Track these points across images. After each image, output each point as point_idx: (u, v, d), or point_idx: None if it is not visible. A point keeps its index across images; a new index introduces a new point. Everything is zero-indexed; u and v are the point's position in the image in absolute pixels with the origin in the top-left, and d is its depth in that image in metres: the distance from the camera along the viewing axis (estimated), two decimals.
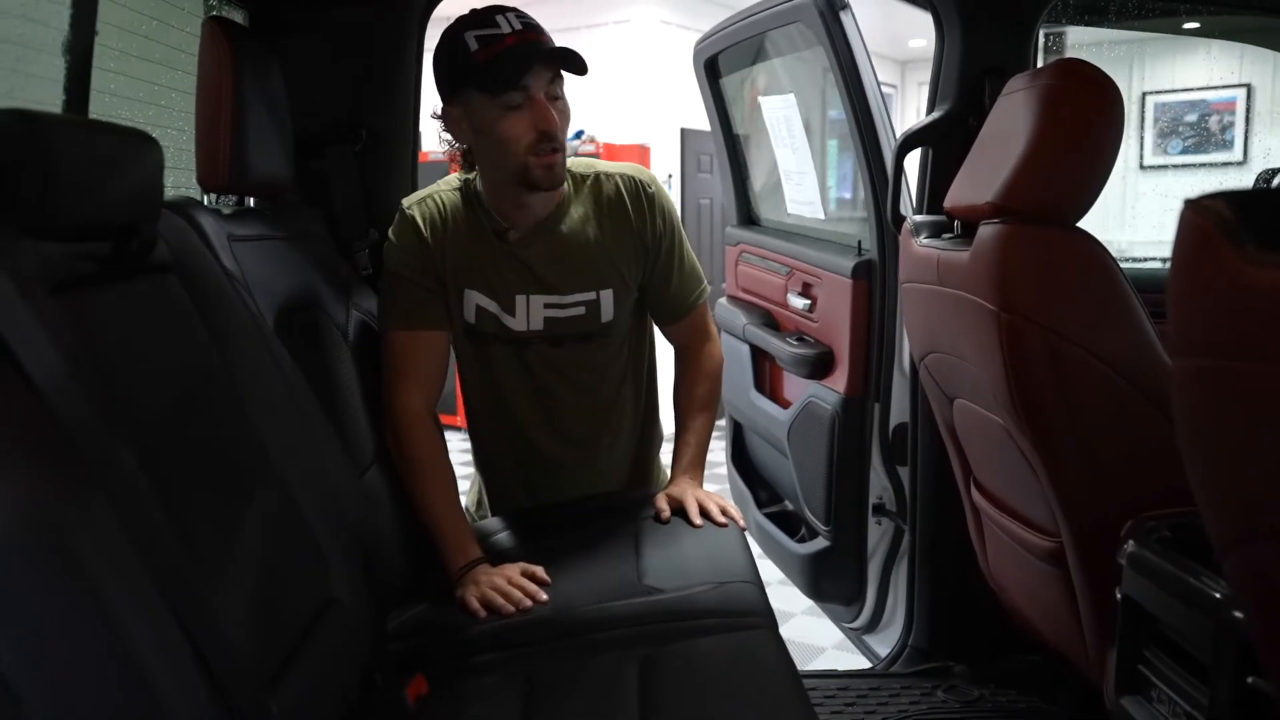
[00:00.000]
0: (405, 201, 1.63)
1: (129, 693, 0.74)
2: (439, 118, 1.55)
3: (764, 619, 1.35)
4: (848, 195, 2.95)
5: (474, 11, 1.48)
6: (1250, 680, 1.01)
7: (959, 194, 1.59)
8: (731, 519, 1.62)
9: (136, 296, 1.02)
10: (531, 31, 1.47)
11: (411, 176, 1.88)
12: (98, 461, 0.80)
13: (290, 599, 1.08)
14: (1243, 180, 6.59)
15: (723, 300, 3.06)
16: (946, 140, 1.88)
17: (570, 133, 1.62)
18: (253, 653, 0.93)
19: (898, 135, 1.99)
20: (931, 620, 2.09)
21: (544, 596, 1.41)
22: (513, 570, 1.45)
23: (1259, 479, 0.70)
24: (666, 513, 1.62)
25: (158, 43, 2.01)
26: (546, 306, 1.62)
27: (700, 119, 3.02)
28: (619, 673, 1.21)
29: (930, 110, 1.93)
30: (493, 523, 1.73)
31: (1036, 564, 1.56)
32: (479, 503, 1.85)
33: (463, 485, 1.65)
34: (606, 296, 1.63)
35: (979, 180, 1.50)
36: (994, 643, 2.01)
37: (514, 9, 1.49)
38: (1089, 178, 1.39)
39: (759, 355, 2.72)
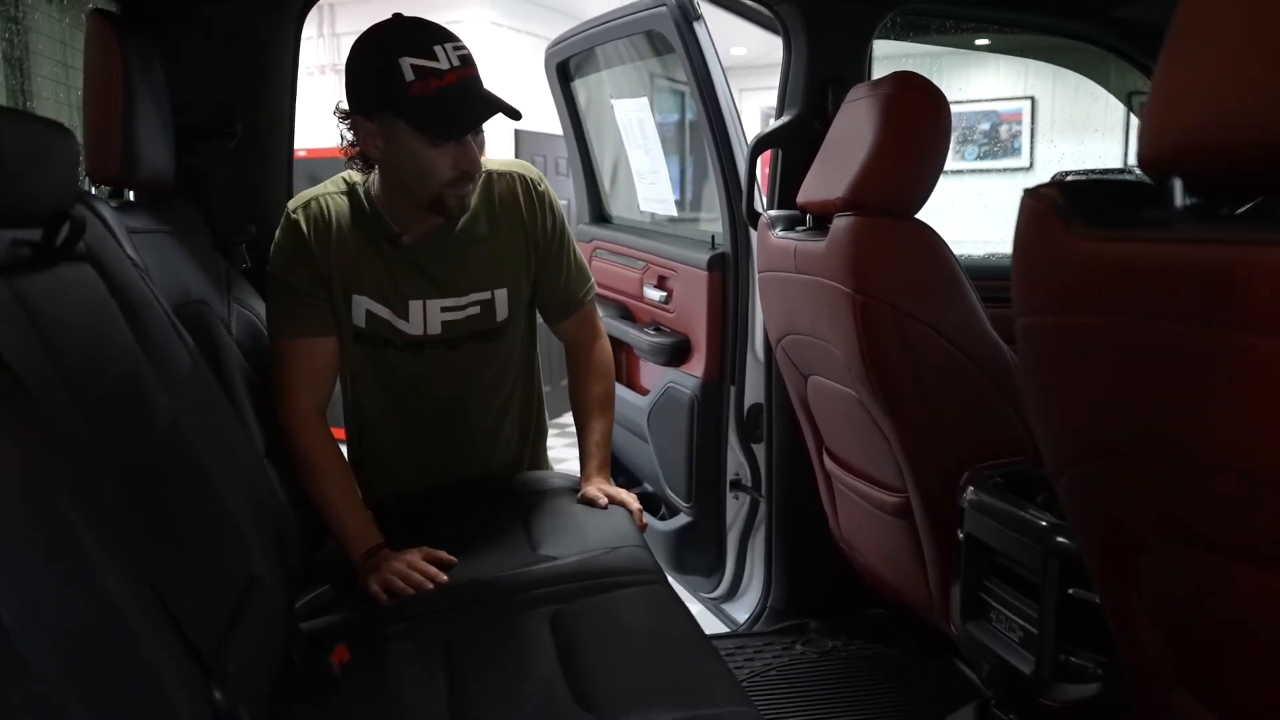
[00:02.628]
0: (291, 204, 1.61)
1: (115, 642, 0.79)
2: (345, 119, 1.50)
3: (657, 575, 1.48)
4: (676, 196, 3.13)
5: (407, 28, 1.44)
6: (1071, 591, 1.22)
7: (811, 190, 1.76)
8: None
9: (65, 283, 1.04)
10: (468, 68, 1.43)
11: (288, 171, 1.91)
12: (64, 434, 0.84)
13: (223, 575, 1.12)
14: (1030, 184, 7.23)
15: None
16: (795, 142, 2.06)
17: None
18: (206, 617, 0.98)
19: (748, 138, 2.17)
20: (788, 583, 2.27)
21: (444, 578, 1.46)
22: (415, 555, 1.50)
23: (1084, 410, 0.88)
24: (604, 500, 1.68)
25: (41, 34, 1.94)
26: (444, 310, 1.62)
27: (533, 121, 3.12)
28: (532, 629, 1.30)
29: (779, 115, 2.12)
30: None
31: (885, 519, 1.75)
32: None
33: None
34: (501, 295, 1.66)
35: (829, 178, 1.68)
36: (844, 599, 2.21)
37: (452, 38, 1.44)
38: (924, 175, 1.59)
39: (615, 346, 2.85)
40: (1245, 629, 0.81)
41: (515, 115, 1.46)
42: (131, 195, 1.62)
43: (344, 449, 1.71)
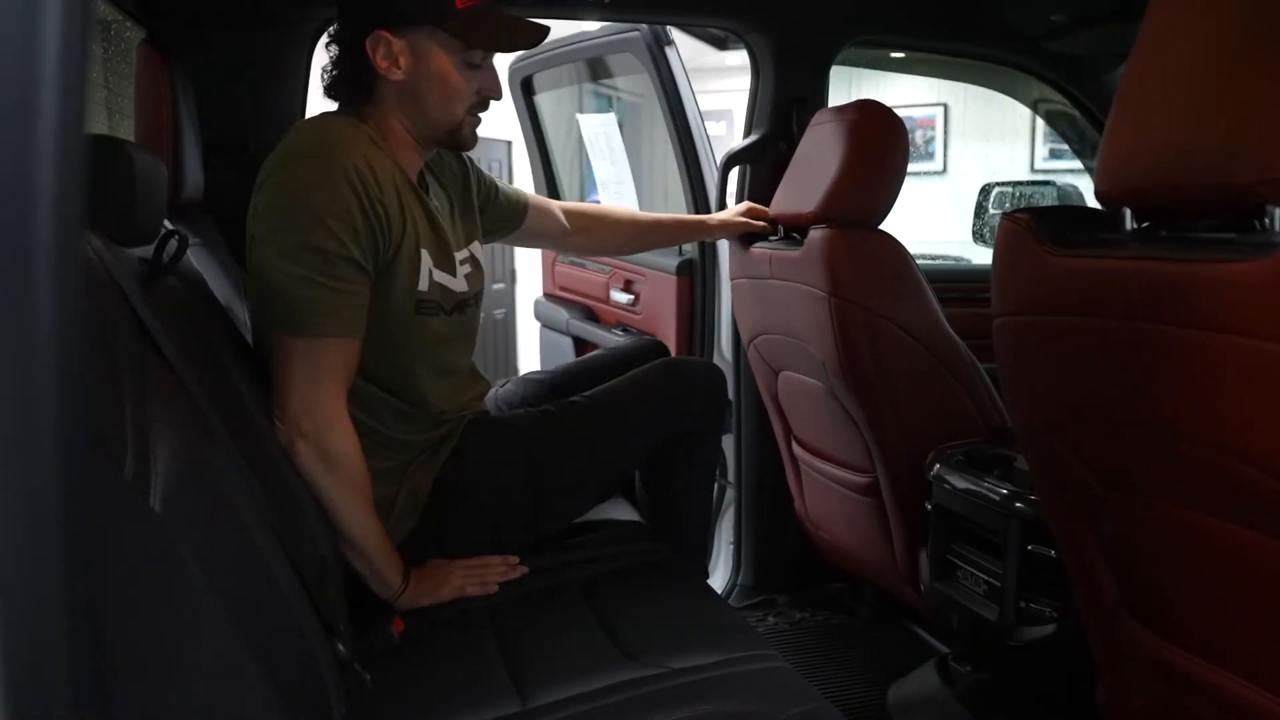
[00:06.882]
0: (312, 147, 1.34)
1: (263, 586, 0.93)
2: (363, 37, 1.36)
3: (657, 546, 1.65)
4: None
5: None
6: (1030, 547, 1.44)
7: (783, 204, 1.96)
8: None
9: (171, 295, 1.17)
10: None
11: None
12: (213, 420, 0.98)
13: (304, 548, 1.26)
14: (944, 187, 7.60)
15: (540, 297, 3.34)
16: (761, 159, 2.26)
17: None
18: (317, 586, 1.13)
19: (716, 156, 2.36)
20: (756, 561, 2.47)
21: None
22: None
23: (1051, 387, 1.09)
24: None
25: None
26: (461, 263, 1.50)
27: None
28: (565, 594, 1.46)
29: (747, 134, 2.31)
30: None
31: (854, 497, 1.96)
32: None
33: None
34: (477, 248, 1.58)
35: (800, 194, 1.88)
36: (808, 574, 2.42)
37: None
38: (887, 191, 1.80)
39: (582, 346, 3.03)
40: (1177, 559, 1.03)
41: (542, 35, 1.46)
42: None
43: None
